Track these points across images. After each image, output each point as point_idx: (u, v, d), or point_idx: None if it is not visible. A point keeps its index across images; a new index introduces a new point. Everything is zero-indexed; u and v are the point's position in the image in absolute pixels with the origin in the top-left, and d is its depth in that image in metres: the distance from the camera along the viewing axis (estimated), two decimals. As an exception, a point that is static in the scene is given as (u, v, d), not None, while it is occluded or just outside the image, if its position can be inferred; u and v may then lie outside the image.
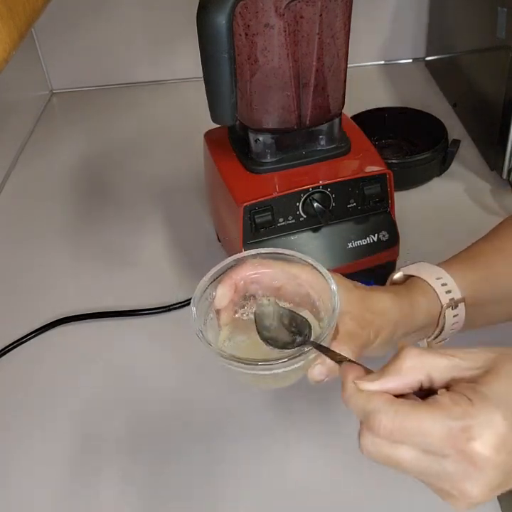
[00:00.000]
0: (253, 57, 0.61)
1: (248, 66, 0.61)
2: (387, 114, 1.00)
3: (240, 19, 0.58)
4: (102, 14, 1.19)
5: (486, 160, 0.95)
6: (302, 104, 0.65)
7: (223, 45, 0.56)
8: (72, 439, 0.65)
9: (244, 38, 0.59)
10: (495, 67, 0.88)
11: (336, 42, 0.62)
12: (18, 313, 0.79)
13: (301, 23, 0.59)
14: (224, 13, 0.55)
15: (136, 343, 0.74)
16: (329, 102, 0.66)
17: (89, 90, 1.27)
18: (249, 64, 0.61)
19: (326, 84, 0.64)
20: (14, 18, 0.45)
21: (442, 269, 0.55)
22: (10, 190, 1.03)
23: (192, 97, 1.18)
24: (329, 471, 0.59)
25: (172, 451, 0.62)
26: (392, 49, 1.25)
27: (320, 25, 0.60)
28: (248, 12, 0.58)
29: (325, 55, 0.62)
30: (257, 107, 0.65)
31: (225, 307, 0.49)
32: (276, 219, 0.66)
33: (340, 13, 0.61)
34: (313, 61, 0.62)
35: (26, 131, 1.15)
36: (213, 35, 0.56)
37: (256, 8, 0.58)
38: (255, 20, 0.58)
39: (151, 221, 0.92)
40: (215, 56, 0.57)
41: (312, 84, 0.64)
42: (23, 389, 0.71)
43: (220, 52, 0.57)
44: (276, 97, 0.64)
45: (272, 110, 0.65)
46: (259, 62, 0.61)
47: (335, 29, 0.61)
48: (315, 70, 0.63)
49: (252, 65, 0.61)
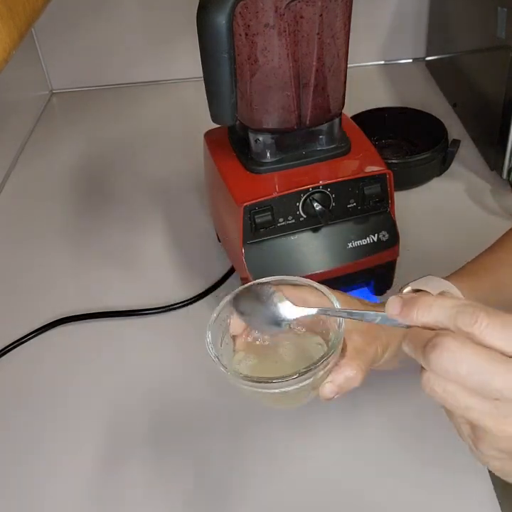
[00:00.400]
0: (253, 57, 0.61)
1: (248, 66, 0.61)
2: (387, 114, 1.00)
3: (239, 19, 0.58)
4: (102, 14, 1.19)
5: (486, 160, 0.95)
6: (302, 104, 0.65)
7: (223, 45, 0.56)
8: (72, 438, 0.65)
9: (245, 38, 0.59)
10: (495, 67, 0.88)
11: (336, 42, 0.62)
12: (18, 313, 0.79)
13: (301, 23, 0.59)
14: (224, 13, 0.55)
15: (136, 343, 0.74)
16: (329, 102, 0.66)
17: (89, 90, 1.27)
18: (249, 64, 0.61)
19: (326, 84, 0.64)
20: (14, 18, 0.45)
21: (450, 282, 0.54)
22: (10, 190, 1.03)
23: (192, 97, 1.18)
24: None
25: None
26: (392, 49, 1.25)
27: (320, 25, 0.60)
28: (248, 12, 0.58)
29: (325, 55, 0.62)
30: (257, 107, 0.64)
31: (240, 333, 0.49)
32: (276, 219, 0.66)
33: (341, 13, 0.61)
34: (313, 61, 0.62)
35: (26, 131, 1.15)
36: (213, 35, 0.56)
37: (256, 8, 0.57)
38: (255, 20, 0.58)
39: (151, 221, 0.92)
40: (215, 56, 0.57)
41: (312, 84, 0.64)
42: (23, 389, 0.71)
43: (220, 52, 0.57)
44: (276, 97, 0.64)
45: (271, 110, 0.65)
46: (259, 62, 0.61)
47: (335, 29, 0.61)
48: (315, 70, 0.63)
49: (252, 65, 0.61)
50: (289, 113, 0.65)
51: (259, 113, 0.65)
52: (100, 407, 0.68)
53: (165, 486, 0.59)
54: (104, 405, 0.68)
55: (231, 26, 0.56)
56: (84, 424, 0.66)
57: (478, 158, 0.96)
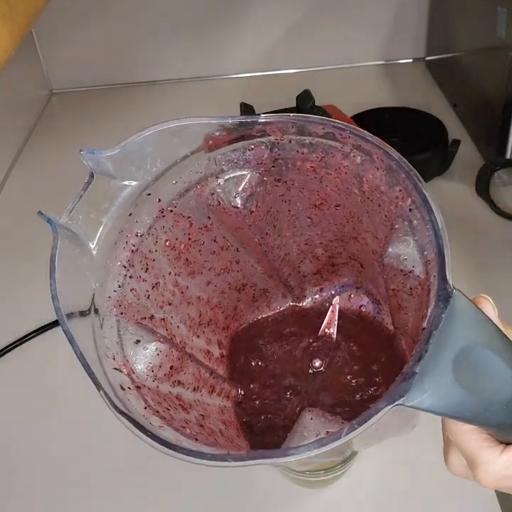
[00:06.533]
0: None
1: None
2: (387, 114, 1.00)
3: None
4: (102, 14, 1.19)
5: (486, 160, 0.95)
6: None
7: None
8: (72, 438, 0.65)
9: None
10: (495, 67, 0.88)
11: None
12: (18, 313, 0.79)
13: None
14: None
15: (136, 343, 0.74)
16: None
17: (89, 90, 1.27)
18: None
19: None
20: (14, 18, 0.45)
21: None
22: (10, 190, 1.03)
23: (192, 97, 1.18)
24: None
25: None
26: (392, 49, 1.25)
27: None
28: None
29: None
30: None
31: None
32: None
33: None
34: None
35: (26, 131, 1.15)
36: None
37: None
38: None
39: (151, 221, 0.92)
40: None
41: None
42: (22, 389, 0.70)
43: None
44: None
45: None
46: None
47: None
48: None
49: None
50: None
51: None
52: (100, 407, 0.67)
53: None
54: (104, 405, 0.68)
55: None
56: (85, 424, 0.66)
57: (478, 158, 0.96)
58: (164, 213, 0.44)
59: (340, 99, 0.89)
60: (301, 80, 1.15)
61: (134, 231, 0.42)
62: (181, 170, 0.43)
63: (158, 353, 0.41)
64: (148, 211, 0.43)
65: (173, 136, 0.41)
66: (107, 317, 0.39)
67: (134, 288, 0.41)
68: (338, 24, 1.21)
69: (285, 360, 0.51)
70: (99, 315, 0.37)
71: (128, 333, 0.40)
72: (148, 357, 0.40)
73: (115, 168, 0.40)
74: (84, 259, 0.38)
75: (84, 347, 0.33)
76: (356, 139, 0.40)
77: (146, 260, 0.43)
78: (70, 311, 0.34)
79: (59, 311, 0.33)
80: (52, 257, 0.35)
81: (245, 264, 0.50)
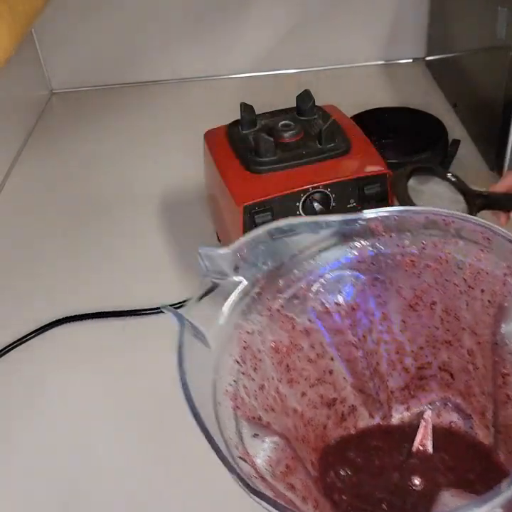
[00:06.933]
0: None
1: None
2: (387, 114, 1.00)
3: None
4: (102, 14, 1.19)
5: (486, 160, 0.95)
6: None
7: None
8: (72, 438, 0.65)
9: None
10: (495, 67, 0.88)
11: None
12: (18, 313, 0.79)
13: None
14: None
15: (136, 343, 0.74)
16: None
17: (89, 90, 1.27)
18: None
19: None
20: (14, 18, 0.45)
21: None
22: (10, 190, 1.03)
23: (192, 97, 1.18)
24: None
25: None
26: (392, 49, 1.25)
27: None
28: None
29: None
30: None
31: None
32: (276, 219, 0.66)
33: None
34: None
35: (26, 131, 1.15)
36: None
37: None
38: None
39: (151, 221, 0.92)
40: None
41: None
42: (22, 389, 0.70)
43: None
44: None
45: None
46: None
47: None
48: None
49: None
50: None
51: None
52: (100, 407, 0.68)
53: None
54: (104, 405, 0.68)
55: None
56: (85, 424, 0.66)
57: (478, 158, 0.96)
58: (272, 312, 0.45)
59: (340, 99, 0.89)
60: (301, 80, 1.15)
61: (246, 328, 0.43)
62: (289, 269, 0.44)
63: (275, 447, 0.41)
64: (258, 309, 0.44)
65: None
66: (224, 408, 0.39)
67: (246, 385, 0.42)
68: (338, 24, 1.21)
69: (377, 474, 0.49)
70: (218, 404, 0.38)
71: (244, 427, 0.40)
72: (266, 450, 0.40)
73: (228, 266, 0.42)
74: (204, 351, 0.40)
75: (213, 432, 0.34)
76: (459, 223, 0.40)
77: (255, 360, 0.44)
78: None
79: (190, 401, 0.35)
80: (179, 348, 0.39)
81: (338, 377, 0.50)
